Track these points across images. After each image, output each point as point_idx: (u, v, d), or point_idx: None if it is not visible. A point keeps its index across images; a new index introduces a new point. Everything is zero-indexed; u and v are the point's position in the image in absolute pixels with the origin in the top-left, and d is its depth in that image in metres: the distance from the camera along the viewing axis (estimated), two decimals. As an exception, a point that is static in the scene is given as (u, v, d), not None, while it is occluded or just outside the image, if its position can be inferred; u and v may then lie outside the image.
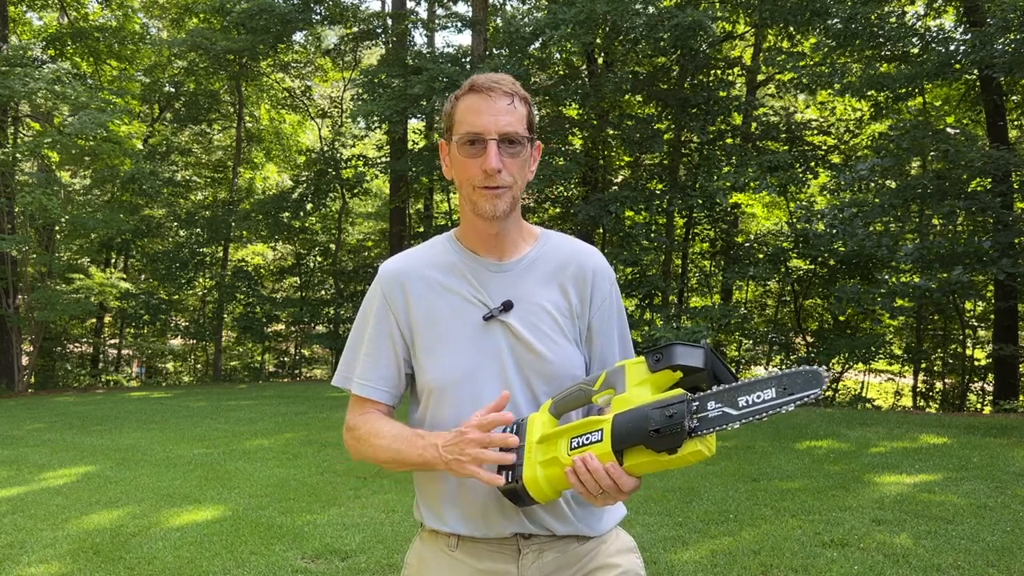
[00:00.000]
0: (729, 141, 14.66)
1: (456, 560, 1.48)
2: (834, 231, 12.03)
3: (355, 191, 20.02)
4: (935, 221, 12.17)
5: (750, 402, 1.23)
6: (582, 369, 1.50)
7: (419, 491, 1.54)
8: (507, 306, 1.46)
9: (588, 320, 1.52)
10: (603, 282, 1.54)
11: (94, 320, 21.04)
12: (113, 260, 21.41)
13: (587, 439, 1.30)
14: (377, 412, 1.52)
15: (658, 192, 14.51)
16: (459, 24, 18.76)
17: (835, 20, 11.56)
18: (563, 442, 1.33)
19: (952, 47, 11.14)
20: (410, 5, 19.78)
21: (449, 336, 1.46)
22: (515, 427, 1.40)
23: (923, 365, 14.71)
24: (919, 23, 12.35)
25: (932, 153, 11.88)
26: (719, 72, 14.92)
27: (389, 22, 18.51)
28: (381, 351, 1.50)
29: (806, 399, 1.22)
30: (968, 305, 14.32)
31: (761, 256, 14.33)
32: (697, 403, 1.25)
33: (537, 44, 14.28)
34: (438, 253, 1.53)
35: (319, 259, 21.80)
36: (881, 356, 13.70)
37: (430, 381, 1.47)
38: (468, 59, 15.56)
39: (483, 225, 1.46)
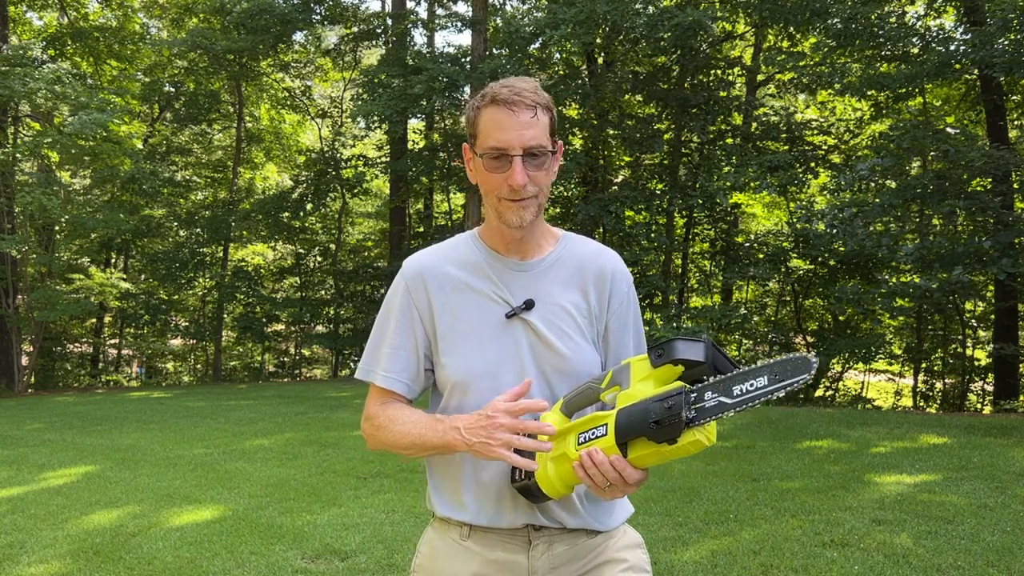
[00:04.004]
0: (729, 141, 14.66)
1: (467, 549, 1.51)
2: (834, 231, 12.02)
3: (355, 191, 20.01)
4: (935, 221, 12.17)
5: (744, 390, 1.28)
6: (598, 368, 1.54)
7: (432, 480, 1.56)
8: (529, 304, 1.50)
9: (606, 321, 1.56)
10: (621, 284, 1.58)
11: (94, 320, 21.05)
12: (113, 260, 21.42)
13: (593, 434, 1.35)
14: (398, 402, 1.55)
15: (658, 192, 14.51)
16: (459, 24, 18.77)
17: (835, 20, 11.55)
18: (571, 438, 1.38)
19: (952, 47, 11.13)
20: (410, 5, 19.79)
21: (471, 332, 1.50)
22: None
23: (923, 365, 14.70)
24: (919, 23, 12.34)
25: (932, 153, 11.88)
26: (719, 72, 14.92)
27: (389, 22, 18.51)
28: (404, 345, 1.54)
29: (795, 385, 1.27)
30: (968, 305, 14.31)
31: (761, 256, 14.32)
32: (695, 394, 1.30)
33: (537, 44, 14.28)
34: (462, 252, 1.56)
35: (319, 259, 21.79)
36: (881, 356, 13.70)
37: (452, 376, 1.50)
38: (468, 59, 15.56)
39: (508, 232, 1.50)
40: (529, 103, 1.42)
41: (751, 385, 1.28)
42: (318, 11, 18.25)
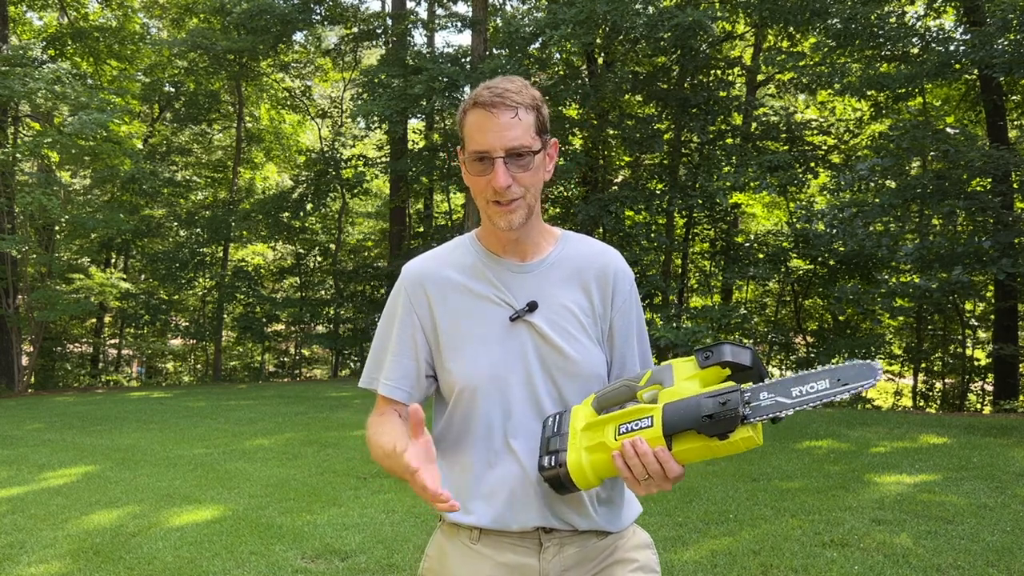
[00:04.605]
0: (729, 141, 14.66)
1: (477, 553, 1.49)
2: (834, 231, 12.03)
3: (355, 191, 20.02)
4: (935, 221, 12.17)
5: (803, 392, 1.27)
6: (604, 368, 1.53)
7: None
8: (532, 306, 1.48)
9: (610, 320, 1.55)
10: (624, 283, 1.57)
11: (94, 320, 21.05)
12: (113, 260, 21.42)
13: (636, 425, 1.33)
14: (394, 414, 1.53)
15: (658, 192, 14.51)
16: (459, 24, 18.76)
17: (835, 20, 11.55)
18: (610, 428, 1.36)
19: (952, 47, 11.13)
20: (410, 5, 19.79)
21: (475, 337, 1.48)
22: (558, 417, 1.44)
23: (923, 365, 14.70)
24: (919, 23, 12.34)
25: (932, 153, 11.88)
26: (719, 72, 14.92)
27: (389, 22, 18.52)
28: (404, 352, 1.52)
29: (860, 389, 1.26)
30: (968, 305, 14.32)
31: (761, 256, 14.33)
32: (748, 394, 1.29)
33: (537, 44, 14.28)
34: (461, 255, 1.55)
35: (319, 259, 21.80)
36: (881, 356, 13.70)
37: (458, 381, 1.48)
38: (468, 59, 15.56)
39: (502, 234, 1.49)
40: (510, 103, 1.41)
41: (811, 387, 1.27)
42: (318, 11, 18.24)
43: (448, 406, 1.53)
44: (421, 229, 20.68)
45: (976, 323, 14.71)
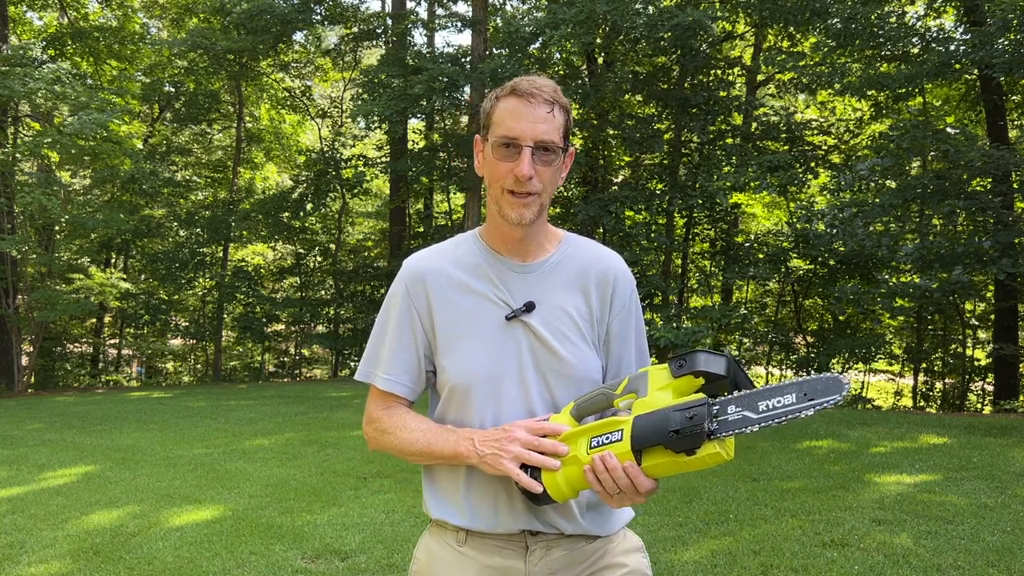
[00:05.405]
0: (729, 141, 14.66)
1: (464, 555, 1.49)
2: (834, 231, 12.03)
3: (355, 191, 20.01)
4: (935, 221, 12.17)
5: (770, 407, 1.25)
6: (600, 373, 1.52)
7: (428, 485, 1.55)
8: (529, 307, 1.48)
9: (607, 325, 1.54)
10: (624, 287, 1.56)
11: (94, 320, 21.05)
12: (113, 260, 21.42)
13: (607, 439, 1.32)
14: (401, 406, 1.54)
15: (658, 192, 14.51)
16: (459, 24, 18.77)
17: (835, 20, 11.55)
18: (583, 441, 1.35)
19: (952, 47, 11.14)
20: (410, 5, 19.79)
21: (471, 335, 1.48)
22: None
23: (923, 365, 14.71)
24: (919, 23, 12.34)
25: (932, 153, 11.89)
26: (719, 72, 14.92)
27: (389, 22, 18.52)
28: (404, 346, 1.52)
29: (826, 405, 1.23)
30: (968, 305, 14.33)
31: (761, 256, 14.33)
32: (717, 407, 1.27)
33: (537, 44, 14.28)
34: (462, 252, 1.55)
35: (319, 259, 21.80)
36: (881, 356, 13.71)
37: (452, 378, 1.48)
38: (468, 59, 15.57)
39: (508, 229, 1.48)
40: (547, 98, 1.43)
41: (778, 402, 1.25)
42: (318, 11, 18.24)
43: (440, 402, 1.53)
44: (421, 229, 20.68)
45: (976, 323, 14.72)
